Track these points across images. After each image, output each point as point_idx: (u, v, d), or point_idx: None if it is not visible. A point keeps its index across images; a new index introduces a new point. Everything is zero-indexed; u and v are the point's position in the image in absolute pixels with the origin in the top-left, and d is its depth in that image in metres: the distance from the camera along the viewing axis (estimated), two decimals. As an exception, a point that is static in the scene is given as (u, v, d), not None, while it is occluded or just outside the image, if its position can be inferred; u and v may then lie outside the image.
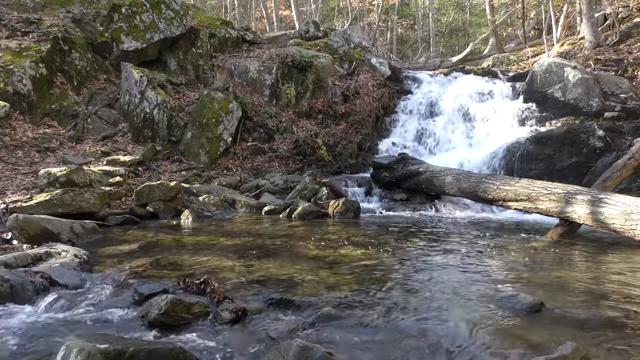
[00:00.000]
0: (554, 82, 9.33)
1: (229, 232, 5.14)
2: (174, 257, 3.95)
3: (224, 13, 24.03)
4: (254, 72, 10.35)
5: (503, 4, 21.20)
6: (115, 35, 9.77)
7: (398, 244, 4.64)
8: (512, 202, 5.75)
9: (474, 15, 27.32)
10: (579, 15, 14.07)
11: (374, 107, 10.21)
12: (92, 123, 8.65)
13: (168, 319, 2.57)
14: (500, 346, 2.28)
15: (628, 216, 4.45)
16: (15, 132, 7.64)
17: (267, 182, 7.62)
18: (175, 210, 6.10)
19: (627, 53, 10.74)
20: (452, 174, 6.76)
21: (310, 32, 13.45)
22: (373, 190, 7.71)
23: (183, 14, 10.40)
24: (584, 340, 2.35)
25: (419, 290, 3.19)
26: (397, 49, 26.11)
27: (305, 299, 2.92)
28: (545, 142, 7.95)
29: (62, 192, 5.40)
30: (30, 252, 3.80)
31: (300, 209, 6.20)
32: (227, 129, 8.81)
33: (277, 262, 3.81)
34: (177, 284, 3.02)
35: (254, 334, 2.47)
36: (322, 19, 26.19)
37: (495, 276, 3.58)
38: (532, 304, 2.77)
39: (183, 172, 7.99)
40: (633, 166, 5.45)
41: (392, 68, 11.60)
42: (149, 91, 8.74)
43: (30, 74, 8.17)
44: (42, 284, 3.13)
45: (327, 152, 9.32)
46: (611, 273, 3.73)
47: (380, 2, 21.83)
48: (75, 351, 1.90)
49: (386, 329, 2.53)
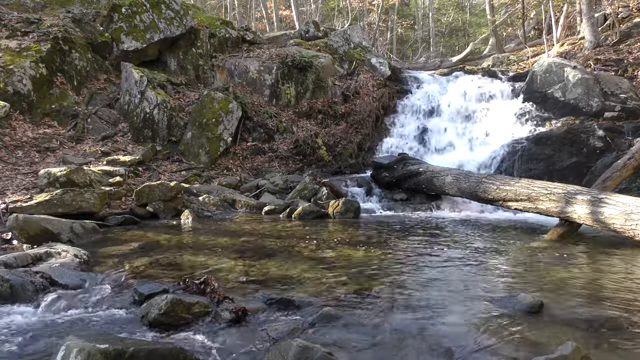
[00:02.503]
0: (554, 82, 9.33)
1: (229, 232, 5.14)
2: (174, 257, 3.95)
3: (224, 13, 24.02)
4: (254, 72, 10.34)
5: (503, 4, 21.20)
6: (115, 35, 9.77)
7: (398, 244, 4.64)
8: (512, 202, 5.75)
9: (474, 15, 27.31)
10: (579, 15, 14.07)
11: (374, 107, 10.20)
12: (92, 123, 8.65)
13: (168, 319, 2.57)
14: (500, 346, 2.28)
15: (628, 216, 4.45)
16: (15, 132, 7.64)
17: (267, 182, 7.62)
18: (175, 210, 6.10)
19: (627, 53, 10.74)
20: (452, 174, 6.76)
21: (310, 32, 13.45)
22: (373, 190, 7.70)
23: (183, 14, 10.40)
24: (584, 340, 2.36)
25: (418, 290, 3.19)
26: (397, 49, 26.10)
27: (305, 299, 2.92)
28: (545, 142, 7.95)
29: (62, 192, 5.40)
30: (30, 252, 3.81)
31: (300, 209, 6.20)
32: (227, 129, 8.81)
33: (277, 262, 3.81)
34: (177, 284, 3.02)
35: (254, 334, 2.47)
36: (322, 19, 26.18)
37: (495, 276, 3.58)
38: (532, 304, 2.77)
39: (183, 172, 7.99)
40: (633, 166, 5.44)
41: (392, 68, 11.60)
42: (149, 91, 8.75)
43: (30, 74, 8.17)
44: (42, 284, 3.13)
45: (327, 152, 9.32)
46: (611, 273, 3.73)
47: (380, 2, 21.83)
48: (75, 351, 1.90)
49: (386, 328, 2.53)
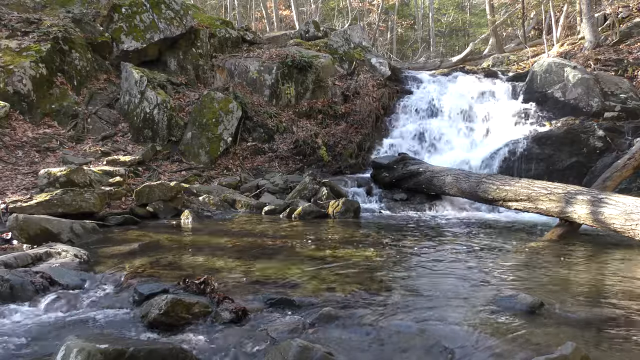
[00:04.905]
0: (554, 82, 9.33)
1: (229, 232, 5.14)
2: (174, 257, 3.95)
3: (224, 13, 24.01)
4: (254, 72, 10.34)
5: (503, 4, 21.19)
6: (115, 35, 9.77)
7: (398, 244, 4.64)
8: (512, 202, 5.75)
9: (474, 15, 27.28)
10: (579, 15, 14.06)
11: (374, 107, 10.20)
12: (92, 123, 8.65)
13: (168, 319, 2.57)
14: (500, 346, 2.28)
15: (628, 216, 4.45)
16: (15, 132, 7.64)
17: (267, 182, 7.62)
18: (175, 210, 6.10)
19: (627, 53, 10.74)
20: (452, 174, 6.76)
21: (310, 32, 13.45)
22: (373, 190, 7.70)
23: (183, 14, 10.40)
24: (584, 340, 2.36)
25: (418, 290, 3.19)
26: (397, 49, 26.09)
27: (305, 299, 2.92)
28: (545, 142, 7.95)
29: (62, 192, 5.40)
30: (30, 252, 3.81)
31: (300, 209, 6.20)
32: (227, 129, 8.81)
33: (277, 262, 3.81)
34: (177, 284, 3.02)
35: (253, 334, 2.47)
36: (322, 19, 26.16)
37: (495, 276, 3.58)
38: (532, 304, 2.77)
39: (183, 172, 7.99)
40: (633, 166, 5.44)
41: (392, 68, 11.59)
42: (149, 91, 8.74)
43: (30, 74, 8.17)
44: (42, 284, 3.13)
45: (327, 152, 9.31)
46: (611, 273, 3.73)
47: (380, 2, 21.83)
48: (75, 351, 1.90)
49: (386, 329, 2.53)
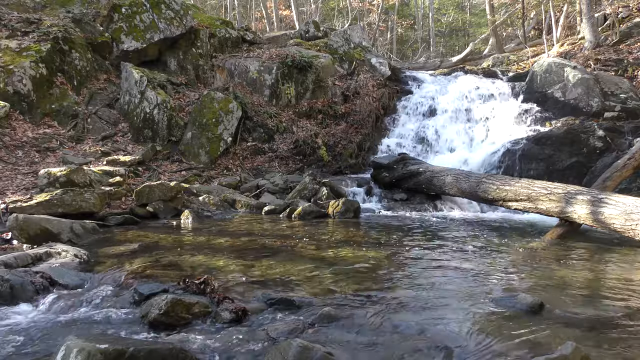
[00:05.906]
0: (554, 82, 9.33)
1: (229, 232, 5.14)
2: (174, 257, 3.94)
3: (224, 13, 24.01)
4: (254, 72, 10.34)
5: (503, 4, 21.20)
6: (115, 35, 9.78)
7: (398, 244, 4.64)
8: (512, 202, 5.75)
9: (474, 15, 27.28)
10: (579, 15, 14.07)
11: (374, 107, 10.20)
12: (92, 123, 8.65)
13: (168, 319, 2.57)
14: (500, 346, 2.28)
15: (628, 216, 4.45)
16: (15, 132, 7.64)
17: (267, 182, 7.62)
18: (175, 210, 6.10)
19: (627, 53, 10.74)
20: (452, 174, 6.76)
21: (310, 32, 13.46)
22: (373, 190, 7.70)
23: (183, 14, 10.40)
24: (584, 340, 2.35)
25: (418, 290, 3.19)
26: (397, 49, 26.10)
27: (305, 299, 2.92)
28: (545, 142, 7.95)
29: (62, 192, 5.40)
30: (30, 252, 3.81)
31: (300, 209, 6.20)
32: (227, 129, 8.81)
33: (277, 262, 3.80)
34: (177, 284, 3.02)
35: (254, 334, 2.47)
36: (322, 19, 26.17)
37: (495, 276, 3.58)
38: (532, 304, 2.77)
39: (183, 172, 7.99)
40: (633, 166, 5.44)
41: (392, 68, 11.60)
42: (149, 91, 8.74)
43: (30, 74, 8.17)
44: (42, 284, 3.13)
45: (327, 152, 9.31)
46: (611, 273, 3.73)
47: (380, 2, 21.83)
48: (75, 351, 1.90)
49: (386, 329, 2.53)
